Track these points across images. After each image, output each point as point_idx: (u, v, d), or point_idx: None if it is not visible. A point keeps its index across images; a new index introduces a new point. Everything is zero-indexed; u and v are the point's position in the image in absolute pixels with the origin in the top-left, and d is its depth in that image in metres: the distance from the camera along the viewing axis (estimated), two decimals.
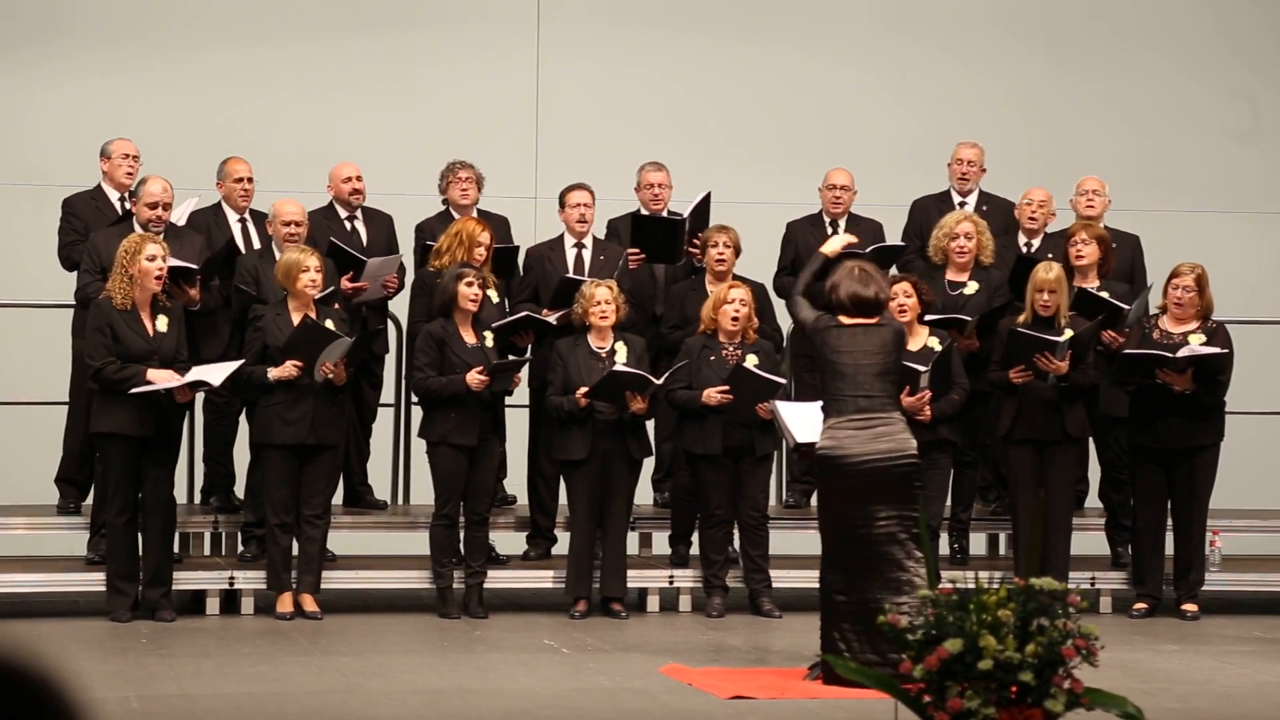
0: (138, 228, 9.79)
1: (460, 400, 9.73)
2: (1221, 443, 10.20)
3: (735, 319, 9.97)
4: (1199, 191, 13.94)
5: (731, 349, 10.00)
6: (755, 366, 9.87)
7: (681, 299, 10.55)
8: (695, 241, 10.66)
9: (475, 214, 10.61)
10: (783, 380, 9.81)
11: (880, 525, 7.82)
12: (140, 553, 9.54)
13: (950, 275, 10.46)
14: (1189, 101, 13.99)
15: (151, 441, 9.43)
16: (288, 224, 10.04)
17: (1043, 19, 13.90)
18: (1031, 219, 10.91)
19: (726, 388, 9.82)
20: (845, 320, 8.06)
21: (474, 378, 9.64)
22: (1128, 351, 9.98)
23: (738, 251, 10.47)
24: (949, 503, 10.54)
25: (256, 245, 10.32)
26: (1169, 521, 10.28)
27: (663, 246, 10.57)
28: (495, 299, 10.19)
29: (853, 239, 8.50)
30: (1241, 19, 14.07)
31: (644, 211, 10.80)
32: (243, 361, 9.59)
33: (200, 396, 10.01)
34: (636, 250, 10.58)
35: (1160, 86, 13.96)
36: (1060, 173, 12.15)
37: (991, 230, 10.71)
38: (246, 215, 10.46)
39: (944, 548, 10.83)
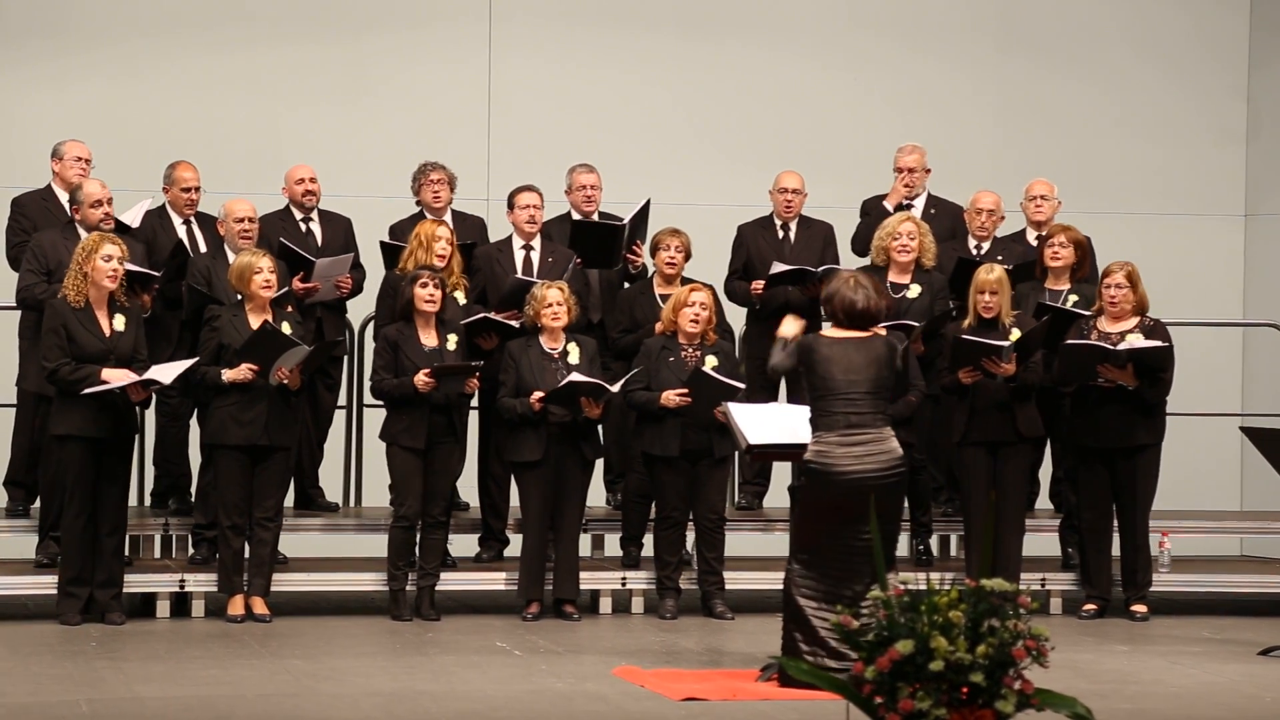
0: (82, 231, 9.75)
1: (411, 402, 9.72)
2: (1162, 443, 10.24)
3: (695, 321, 9.97)
4: (1156, 193, 14.00)
5: (691, 350, 10.01)
6: (714, 368, 9.87)
7: (631, 303, 10.55)
8: (635, 248, 10.67)
9: (449, 215, 10.60)
10: (742, 385, 9.83)
11: (865, 537, 7.84)
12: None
13: (892, 277, 10.47)
14: (1150, 102, 14.03)
15: (108, 443, 9.39)
16: (241, 220, 10.04)
17: (1004, 18, 13.94)
18: (981, 228, 10.92)
19: (685, 391, 9.83)
20: (836, 334, 8.04)
21: (420, 379, 9.63)
22: (1070, 342, 10.03)
23: (688, 255, 10.48)
24: (907, 505, 10.57)
25: (203, 248, 10.29)
26: (1116, 522, 10.33)
27: (600, 251, 10.56)
28: (462, 300, 10.18)
29: (801, 323, 8.46)
30: (1208, 18, 14.13)
31: (575, 214, 10.79)
32: (196, 360, 9.56)
33: (152, 399, 9.96)
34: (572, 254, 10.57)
35: (1122, 87, 14.00)
36: (1021, 173, 12.16)
37: (939, 234, 10.73)
38: (192, 219, 10.43)
39: (902, 548, 10.86)
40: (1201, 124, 14.11)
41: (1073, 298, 10.37)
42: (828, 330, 8.12)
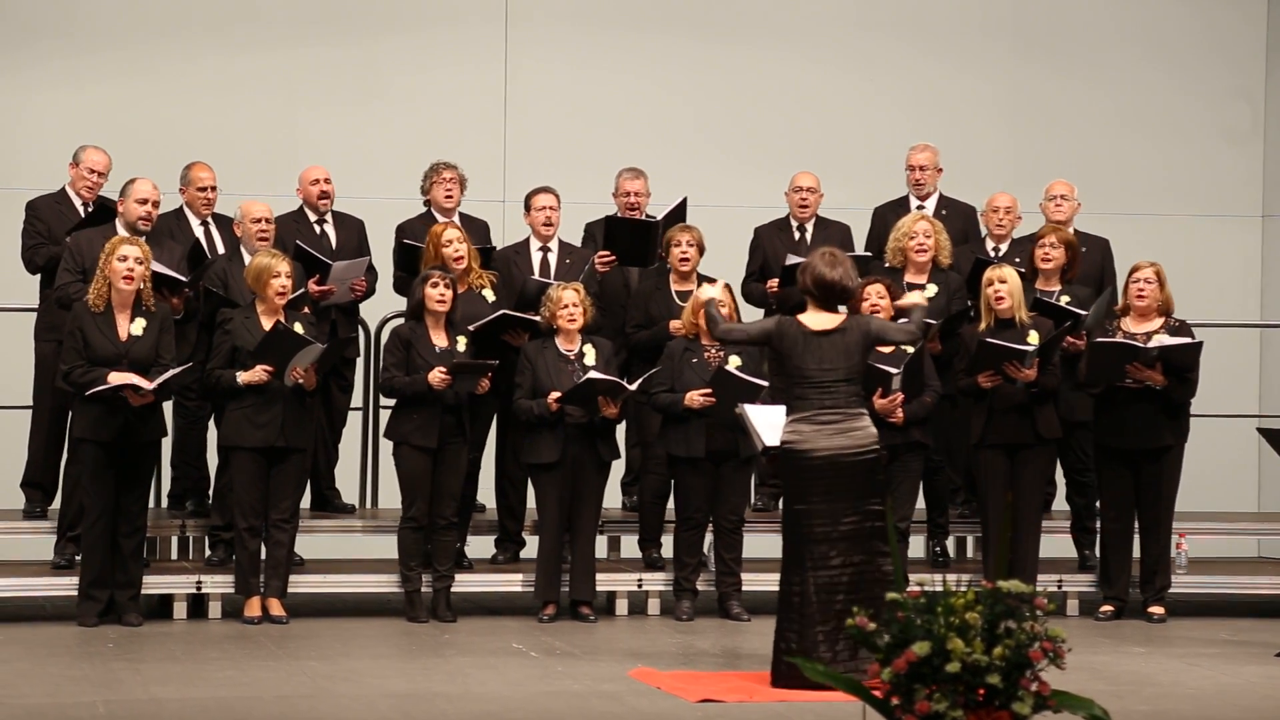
0: (120, 228, 9.78)
1: (424, 400, 9.72)
2: (1185, 444, 10.23)
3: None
4: (1172, 194, 13.98)
5: (714, 351, 10.01)
6: (738, 368, 9.87)
7: (645, 299, 10.54)
8: None
9: (458, 216, 10.61)
10: (765, 383, 9.84)
11: (846, 522, 7.89)
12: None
13: (909, 277, 10.46)
14: (1164, 102, 14.02)
15: (125, 447, 9.40)
16: (257, 221, 10.05)
17: (1015, 19, 13.93)
18: (999, 225, 10.94)
19: (709, 390, 9.83)
20: (809, 324, 8.06)
21: (436, 376, 9.63)
22: (1100, 340, 10.02)
23: (701, 250, 10.47)
24: (921, 505, 10.57)
25: (221, 249, 10.31)
26: (1136, 524, 10.32)
27: (635, 249, 10.57)
28: (491, 298, 10.18)
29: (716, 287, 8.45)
30: (1218, 18, 14.11)
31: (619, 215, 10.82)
32: (186, 367, 9.53)
33: (161, 402, 9.96)
34: (608, 253, 10.58)
35: (1136, 87, 13.98)
36: (1034, 174, 12.17)
37: (952, 235, 10.72)
38: (209, 219, 10.45)
39: (919, 550, 10.86)
40: (1218, 125, 14.09)
41: (1064, 298, 10.37)
42: (803, 317, 8.12)
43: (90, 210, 10.14)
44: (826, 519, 7.94)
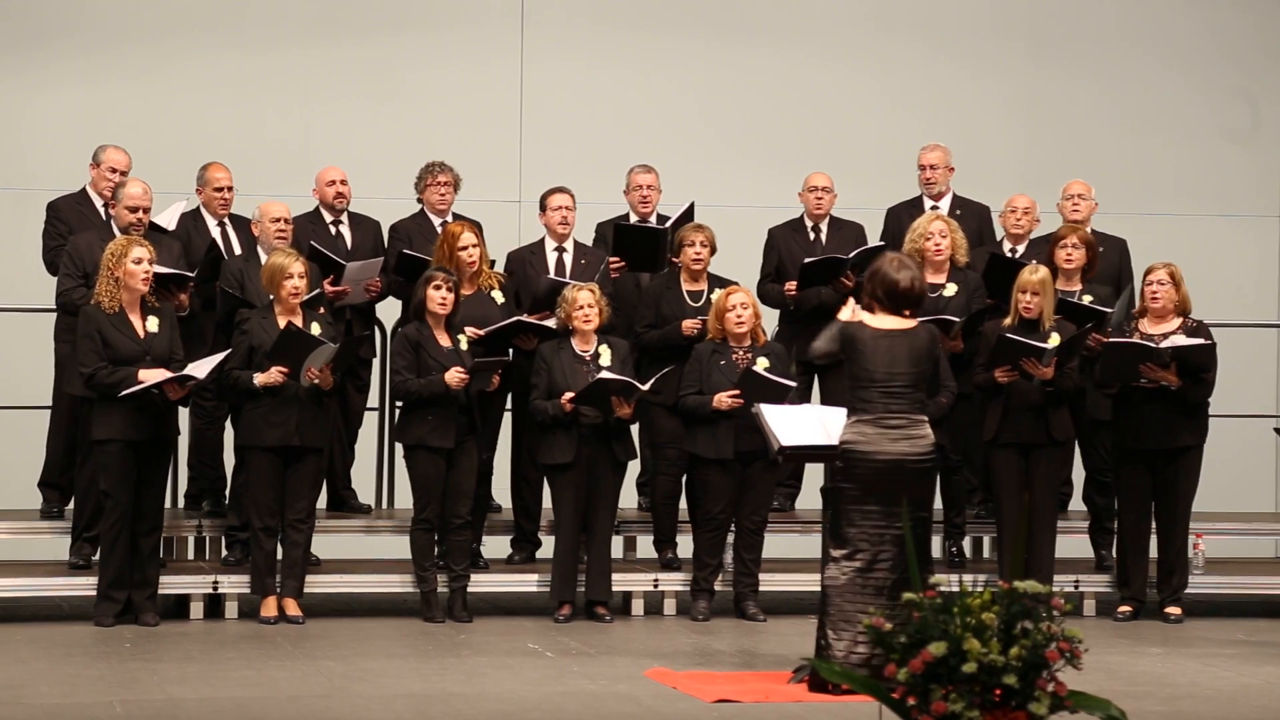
0: (116, 230, 9.78)
1: (439, 401, 9.72)
2: (1204, 444, 10.22)
3: (741, 323, 9.97)
4: (1188, 194, 13.97)
5: (742, 353, 10.01)
6: (766, 369, 9.87)
7: (656, 298, 10.53)
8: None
9: (451, 216, 10.61)
10: (793, 383, 9.83)
11: (899, 526, 7.87)
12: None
13: (928, 277, 10.42)
14: (1178, 103, 14.02)
15: (148, 446, 9.41)
16: (276, 221, 10.05)
17: (1030, 20, 13.92)
18: (1017, 225, 10.92)
19: (737, 391, 9.83)
20: (878, 325, 8.05)
21: (454, 376, 9.63)
22: (1112, 340, 10.01)
23: (713, 249, 10.46)
24: (938, 505, 10.55)
25: (237, 250, 10.32)
26: (1153, 524, 10.31)
27: (645, 256, 10.57)
28: (500, 299, 10.19)
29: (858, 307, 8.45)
30: (1231, 19, 14.10)
31: (633, 214, 10.82)
32: (229, 352, 9.57)
33: (189, 400, 9.98)
34: (618, 259, 10.58)
35: (1150, 88, 13.99)
36: (1048, 176, 12.16)
37: (967, 235, 10.70)
38: (226, 220, 10.46)
39: (935, 550, 10.85)
40: (1232, 126, 14.07)
41: (1086, 298, 10.37)
42: (871, 319, 8.11)
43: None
44: (882, 521, 7.92)
